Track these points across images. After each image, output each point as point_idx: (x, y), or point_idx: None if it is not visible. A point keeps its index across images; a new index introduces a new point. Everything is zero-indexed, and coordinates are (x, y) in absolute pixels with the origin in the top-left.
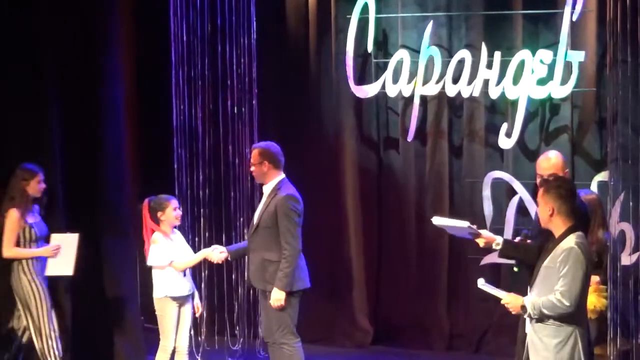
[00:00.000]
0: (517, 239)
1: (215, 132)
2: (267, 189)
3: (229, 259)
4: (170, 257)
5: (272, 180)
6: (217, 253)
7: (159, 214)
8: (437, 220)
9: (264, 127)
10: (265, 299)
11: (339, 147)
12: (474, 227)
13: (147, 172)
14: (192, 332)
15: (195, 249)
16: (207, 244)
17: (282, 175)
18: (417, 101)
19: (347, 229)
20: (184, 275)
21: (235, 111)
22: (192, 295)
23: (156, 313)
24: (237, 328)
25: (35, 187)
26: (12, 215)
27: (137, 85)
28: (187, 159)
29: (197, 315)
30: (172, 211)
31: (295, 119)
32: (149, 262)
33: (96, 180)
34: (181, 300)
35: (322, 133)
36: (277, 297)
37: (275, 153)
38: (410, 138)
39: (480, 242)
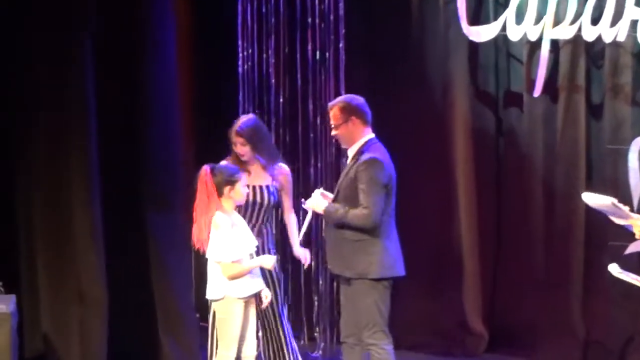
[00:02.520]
0: None
1: (291, 84)
2: (351, 152)
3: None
4: (238, 253)
5: (359, 140)
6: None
7: (226, 189)
8: (587, 197)
9: (352, 78)
10: (348, 285)
11: (447, 105)
12: (623, 207)
13: (205, 133)
14: (259, 335)
15: None
16: (282, 225)
17: (371, 134)
18: (546, 47)
19: (457, 208)
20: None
21: (317, 57)
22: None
23: (217, 316)
24: (317, 329)
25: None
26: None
27: (193, 25)
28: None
29: (263, 307)
30: (242, 188)
31: (392, 68)
32: (209, 255)
33: (139, 142)
34: (248, 299)
35: (426, 86)
36: (319, 203)
37: (361, 105)
38: (537, 93)
39: (637, 230)
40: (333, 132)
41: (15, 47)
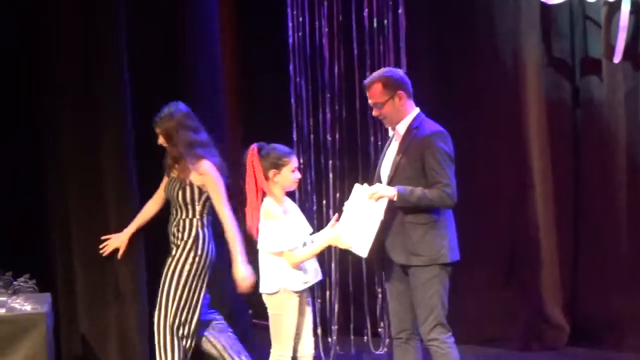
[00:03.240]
0: None
1: (346, 54)
2: (401, 129)
3: None
4: (294, 241)
5: (408, 116)
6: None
7: (272, 172)
8: None
9: (413, 47)
10: (405, 275)
11: (518, 73)
12: None
13: (253, 109)
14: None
15: (322, 215)
16: (339, 208)
17: (416, 108)
18: (626, 7)
19: (532, 186)
20: None
21: (375, 25)
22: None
23: (269, 312)
24: (382, 324)
25: None
26: None
27: None
28: (308, 92)
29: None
30: (291, 173)
31: (457, 35)
32: (261, 246)
33: None
34: (303, 292)
35: (495, 54)
36: (385, 189)
37: (404, 77)
38: (617, 59)
39: None
40: (375, 113)
41: (38, 37)
